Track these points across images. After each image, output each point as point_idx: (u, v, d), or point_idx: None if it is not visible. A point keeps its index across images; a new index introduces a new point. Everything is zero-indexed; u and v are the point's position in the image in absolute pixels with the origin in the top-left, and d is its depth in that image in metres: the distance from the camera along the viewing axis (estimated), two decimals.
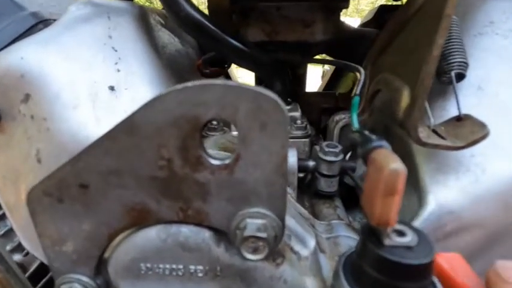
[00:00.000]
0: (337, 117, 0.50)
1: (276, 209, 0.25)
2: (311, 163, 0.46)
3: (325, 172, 0.44)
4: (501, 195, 0.33)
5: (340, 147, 0.43)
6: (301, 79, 0.76)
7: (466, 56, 0.36)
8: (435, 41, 0.25)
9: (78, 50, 0.46)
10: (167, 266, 0.28)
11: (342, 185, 0.49)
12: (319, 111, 0.75)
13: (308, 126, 0.56)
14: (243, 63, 0.57)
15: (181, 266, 0.28)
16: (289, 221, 0.34)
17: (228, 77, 0.88)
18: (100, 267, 0.29)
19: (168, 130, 0.23)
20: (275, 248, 0.26)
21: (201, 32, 0.51)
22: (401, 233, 0.20)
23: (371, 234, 0.20)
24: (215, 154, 0.24)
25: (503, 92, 0.36)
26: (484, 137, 0.29)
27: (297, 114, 0.58)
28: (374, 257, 0.20)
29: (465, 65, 0.36)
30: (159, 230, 0.27)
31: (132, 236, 0.28)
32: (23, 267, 0.52)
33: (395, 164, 0.17)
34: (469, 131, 0.31)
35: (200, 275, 0.28)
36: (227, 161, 0.24)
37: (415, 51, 0.32)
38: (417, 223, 0.35)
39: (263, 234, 0.23)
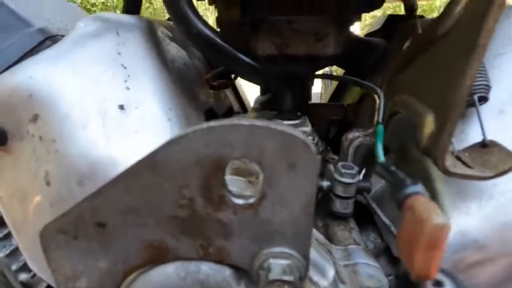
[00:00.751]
0: (350, 136, 0.49)
1: (301, 249, 0.24)
2: (325, 183, 0.45)
3: (341, 194, 0.43)
4: None
5: (356, 169, 0.42)
6: (307, 91, 0.75)
7: (488, 79, 0.35)
8: (468, 71, 0.24)
9: (87, 67, 0.45)
10: None
11: (358, 205, 0.48)
12: (327, 123, 0.74)
13: (319, 142, 0.55)
14: (253, 78, 0.56)
15: None
16: (321, 260, 0.33)
17: (234, 88, 0.87)
18: None
19: (192, 169, 0.22)
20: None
21: (212, 49, 0.50)
22: (438, 283, 0.19)
23: (407, 284, 0.19)
24: (238, 192, 0.23)
25: None
26: None
27: (308, 129, 0.56)
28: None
29: (488, 87, 0.35)
30: (177, 267, 0.26)
31: (148, 273, 0.27)
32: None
33: (440, 218, 0.16)
34: (497, 159, 0.30)
35: None
36: (251, 201, 0.23)
37: (442, 76, 0.31)
38: None
39: (290, 278, 0.22)
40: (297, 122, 0.59)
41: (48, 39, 0.47)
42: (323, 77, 0.68)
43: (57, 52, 0.45)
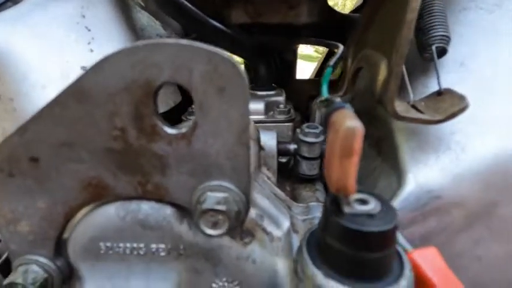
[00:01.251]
0: (319, 99, 0.48)
1: (240, 183, 0.24)
2: (292, 146, 0.45)
3: (305, 154, 0.43)
4: (481, 174, 0.32)
5: (321, 128, 0.41)
6: (290, 65, 0.75)
7: (448, 30, 0.35)
8: (409, 4, 0.24)
9: (49, 29, 0.44)
10: (127, 245, 0.26)
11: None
12: (307, 99, 0.73)
13: (292, 110, 0.55)
14: (224, 46, 0.55)
15: (142, 245, 0.26)
16: (263, 202, 0.33)
17: None
18: (60, 248, 0.28)
19: (120, 96, 0.21)
20: (238, 223, 0.24)
21: (180, 12, 0.49)
22: (363, 202, 0.19)
23: (332, 204, 0.19)
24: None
25: (487, 69, 0.35)
26: (463, 110, 0.28)
27: (281, 98, 0.56)
28: (334, 226, 0.18)
29: (447, 38, 0.34)
30: (118, 207, 0.26)
31: (90, 215, 0.26)
32: None
33: (351, 122, 0.16)
34: (448, 104, 0.29)
35: (162, 254, 0.27)
36: (184, 130, 0.22)
37: (392, 23, 0.30)
38: (396, 203, 0.34)
39: (222, 207, 0.22)
40: (271, 92, 0.58)
41: (10, 1, 0.46)
42: (293, 43, 0.65)
43: (17, 13, 0.44)
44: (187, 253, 0.27)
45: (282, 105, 0.54)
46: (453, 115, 0.28)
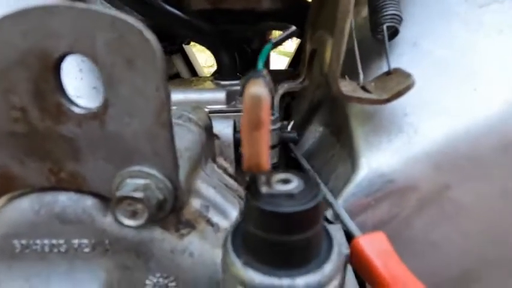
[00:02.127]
0: (280, 85, 0.47)
1: (164, 168, 0.22)
2: None
3: None
4: (433, 156, 0.31)
5: (276, 115, 0.39)
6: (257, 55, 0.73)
7: (399, 9, 0.34)
8: None
9: None
10: (45, 241, 0.24)
11: (291, 159, 0.47)
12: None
13: None
14: (183, 33, 0.52)
15: (62, 241, 0.24)
16: (208, 191, 0.31)
17: (184, 55, 0.83)
18: None
19: (14, 70, 0.19)
20: (164, 213, 0.22)
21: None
22: (286, 181, 0.17)
23: (251, 185, 0.17)
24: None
25: (439, 48, 0.34)
26: (408, 88, 0.27)
27: None
28: (251, 210, 0.17)
29: (398, 17, 0.33)
30: (32, 200, 0.23)
31: (2, 210, 0.23)
32: None
33: (255, 89, 0.14)
34: (395, 83, 0.28)
35: (86, 250, 0.24)
36: (94, 109, 0.20)
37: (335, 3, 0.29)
38: (349, 189, 0.33)
39: (139, 195, 0.20)
40: (234, 82, 0.56)
41: None
42: (254, 29, 0.63)
43: None
44: (114, 248, 0.24)
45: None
46: (399, 93, 0.27)
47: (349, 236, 0.30)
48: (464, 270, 0.32)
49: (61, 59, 0.19)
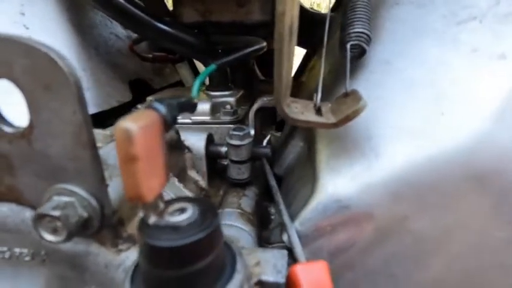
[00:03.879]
0: (258, 100, 0.46)
1: (89, 187, 0.22)
2: (224, 149, 0.43)
3: (233, 158, 0.41)
4: (391, 183, 0.29)
5: (247, 131, 0.39)
6: (248, 66, 0.73)
7: (367, 28, 0.32)
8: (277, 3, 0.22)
9: None
10: None
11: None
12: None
13: (240, 111, 0.53)
14: (172, 47, 0.54)
15: (5, 248, 0.25)
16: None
17: (192, 64, 0.85)
18: None
19: None
20: (89, 230, 0.23)
21: (120, 14, 0.48)
22: (182, 211, 0.17)
23: (143, 217, 0.17)
24: (10, 120, 0.21)
25: (410, 67, 0.32)
26: (356, 112, 0.25)
27: (231, 99, 0.54)
28: (140, 242, 0.17)
29: (364, 36, 0.32)
30: None
31: None
32: None
33: (126, 123, 0.14)
34: (347, 106, 0.27)
35: (27, 259, 0.25)
36: (22, 129, 0.21)
37: None
38: (306, 212, 0.32)
39: (56, 213, 0.20)
40: (223, 93, 0.57)
41: None
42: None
43: None
44: (51, 259, 0.25)
45: (228, 106, 0.52)
46: (347, 118, 0.26)
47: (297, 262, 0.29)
48: None
49: None
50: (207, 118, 0.52)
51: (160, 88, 0.67)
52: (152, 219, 0.17)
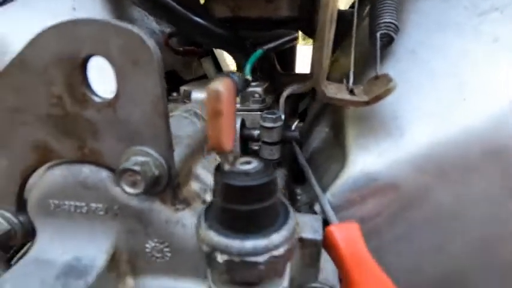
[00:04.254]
0: (288, 87, 0.50)
1: (160, 150, 0.26)
2: (256, 132, 0.47)
3: (265, 139, 0.45)
4: (416, 159, 0.32)
5: (279, 114, 0.43)
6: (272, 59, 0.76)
7: (395, 18, 0.35)
8: None
9: (40, 23, 0.49)
10: (71, 203, 0.30)
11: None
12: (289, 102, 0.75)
13: (268, 99, 0.57)
14: (204, 40, 0.58)
15: (83, 204, 0.30)
16: (207, 177, 0.36)
17: (214, 57, 0.89)
18: (23, 206, 0.32)
19: (53, 67, 0.25)
20: (160, 187, 0.27)
21: (158, 7, 0.52)
22: (247, 163, 0.21)
23: (219, 165, 0.21)
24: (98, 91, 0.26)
25: (434, 57, 0.35)
26: (387, 92, 0.29)
27: (258, 89, 0.58)
28: (216, 183, 0.21)
29: (393, 26, 0.35)
30: (62, 169, 0.29)
31: (42, 176, 0.30)
32: None
33: (215, 85, 0.18)
34: (378, 87, 0.30)
35: (101, 213, 0.30)
36: (108, 99, 0.25)
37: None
38: (337, 186, 0.35)
39: (137, 168, 0.25)
40: (252, 83, 0.61)
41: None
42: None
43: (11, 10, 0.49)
44: (122, 213, 0.30)
45: (257, 95, 0.56)
46: (378, 97, 0.29)
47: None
48: (444, 273, 0.32)
49: (86, 59, 0.24)
50: (238, 106, 0.56)
51: (189, 80, 0.72)
52: (226, 167, 0.21)
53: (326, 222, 0.35)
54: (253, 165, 0.21)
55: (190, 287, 0.31)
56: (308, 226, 0.30)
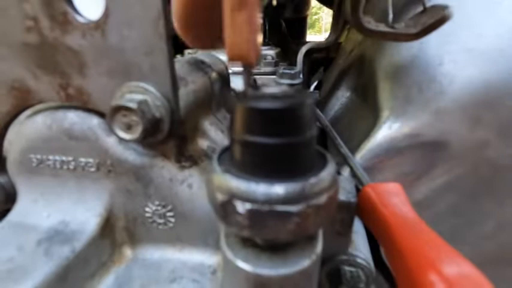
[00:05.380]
0: (306, 43, 0.44)
1: (161, 86, 0.21)
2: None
3: None
4: (468, 107, 0.26)
5: (297, 70, 0.37)
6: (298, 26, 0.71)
7: None
8: None
9: None
10: (57, 157, 0.25)
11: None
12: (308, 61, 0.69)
13: (279, 64, 0.51)
14: None
15: (71, 158, 0.25)
16: (217, 134, 0.30)
17: None
18: (1, 165, 0.27)
19: None
20: (161, 135, 0.22)
21: None
22: (276, 88, 0.16)
23: (240, 92, 0.16)
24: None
25: None
26: (442, 21, 0.23)
27: (270, 52, 0.52)
28: (234, 113, 0.15)
29: None
30: (45, 115, 0.24)
31: (21, 127, 0.25)
32: None
33: None
34: (428, 17, 0.24)
35: (92, 169, 0.25)
36: (95, 20, 0.20)
37: None
38: (369, 145, 0.30)
39: (133, 105, 0.20)
40: (264, 47, 0.55)
41: None
42: None
43: None
44: (116, 170, 0.25)
45: (269, 57, 0.50)
46: (430, 27, 0.23)
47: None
48: (499, 245, 0.27)
49: None
50: None
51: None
52: (250, 91, 0.15)
53: (357, 190, 0.29)
54: (282, 89, 0.16)
55: (197, 258, 0.26)
56: (340, 188, 0.25)
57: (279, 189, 0.14)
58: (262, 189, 0.15)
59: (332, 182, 0.16)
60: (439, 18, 0.23)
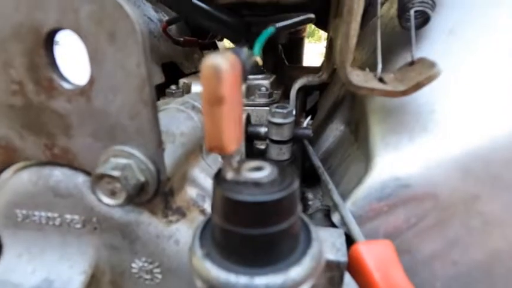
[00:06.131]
0: (299, 79, 0.44)
1: (147, 149, 0.21)
2: (263, 129, 0.41)
3: (274, 137, 0.39)
4: (460, 161, 0.26)
5: (290, 109, 0.37)
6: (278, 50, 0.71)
7: None
8: None
9: None
10: (42, 213, 0.25)
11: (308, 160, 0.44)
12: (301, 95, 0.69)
13: (275, 95, 0.51)
14: (210, 26, 0.53)
15: (56, 215, 0.24)
16: (206, 181, 0.30)
17: (215, 48, 0.84)
18: None
19: (11, 43, 0.19)
20: (146, 196, 0.22)
21: None
22: (258, 169, 0.16)
23: (219, 171, 0.16)
24: (68, 76, 0.20)
25: (479, 37, 0.29)
26: (430, 78, 0.23)
27: (265, 82, 0.52)
28: (214, 197, 0.15)
29: (430, 2, 0.29)
30: (31, 172, 0.24)
31: (7, 182, 0.25)
32: None
33: (214, 59, 0.13)
34: (416, 73, 0.24)
35: (78, 226, 0.24)
36: (81, 85, 0.20)
37: None
38: (360, 191, 0.30)
39: (116, 173, 0.19)
40: (257, 76, 0.55)
41: None
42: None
43: None
44: (102, 227, 0.24)
45: (263, 88, 0.50)
46: (418, 85, 0.23)
47: (353, 243, 0.27)
48: None
49: (51, 34, 0.19)
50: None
51: (190, 73, 0.66)
52: (230, 175, 0.15)
53: (347, 237, 0.29)
54: (265, 172, 0.15)
55: None
56: (329, 244, 0.25)
57: (259, 282, 0.14)
58: (242, 282, 0.14)
59: (315, 267, 0.15)
60: (427, 76, 0.23)
